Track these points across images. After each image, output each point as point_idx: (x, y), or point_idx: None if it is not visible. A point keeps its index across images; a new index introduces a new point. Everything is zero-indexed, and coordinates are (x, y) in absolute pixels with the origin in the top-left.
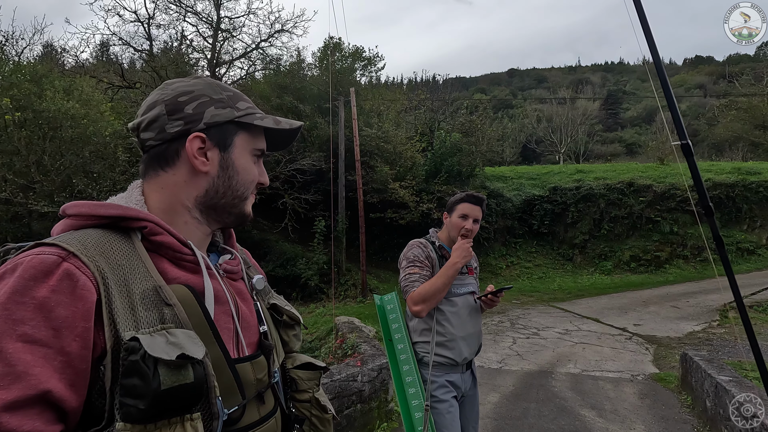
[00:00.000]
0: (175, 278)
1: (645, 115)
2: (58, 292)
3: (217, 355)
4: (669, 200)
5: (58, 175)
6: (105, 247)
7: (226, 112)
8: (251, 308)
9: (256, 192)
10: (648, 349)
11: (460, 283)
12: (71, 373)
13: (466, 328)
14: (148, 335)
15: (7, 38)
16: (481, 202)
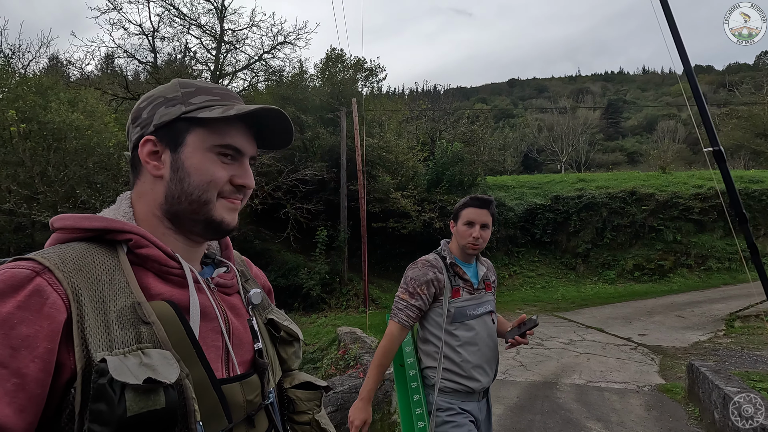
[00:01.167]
0: (159, 293)
1: (646, 124)
2: (23, 308)
3: (200, 376)
4: (672, 209)
5: (61, 185)
6: (85, 261)
7: (175, 109)
8: (245, 324)
9: (240, 195)
10: (653, 360)
11: (476, 302)
12: (23, 398)
13: (484, 354)
14: (120, 356)
15: (13, 51)
16: (487, 204)
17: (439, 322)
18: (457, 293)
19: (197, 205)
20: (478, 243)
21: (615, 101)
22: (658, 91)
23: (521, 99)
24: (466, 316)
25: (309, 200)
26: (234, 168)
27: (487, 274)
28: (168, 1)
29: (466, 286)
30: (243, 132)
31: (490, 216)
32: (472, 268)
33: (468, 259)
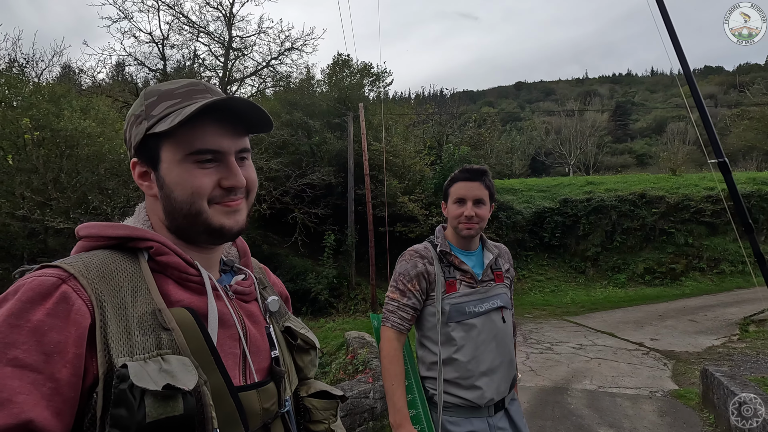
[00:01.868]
0: (178, 300)
1: (655, 126)
2: (53, 315)
3: (218, 383)
4: (683, 211)
5: (74, 192)
6: (109, 268)
7: (141, 127)
8: (262, 331)
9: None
10: (666, 365)
11: (481, 297)
12: (59, 401)
13: (489, 359)
14: (140, 362)
15: (27, 60)
16: (479, 175)
17: (433, 323)
18: (452, 287)
19: (191, 218)
20: (473, 222)
21: (623, 103)
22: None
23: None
24: (464, 314)
25: (316, 205)
26: (219, 170)
27: (497, 262)
28: (177, 9)
29: (465, 277)
30: (216, 130)
31: (484, 189)
32: (474, 255)
33: (468, 245)
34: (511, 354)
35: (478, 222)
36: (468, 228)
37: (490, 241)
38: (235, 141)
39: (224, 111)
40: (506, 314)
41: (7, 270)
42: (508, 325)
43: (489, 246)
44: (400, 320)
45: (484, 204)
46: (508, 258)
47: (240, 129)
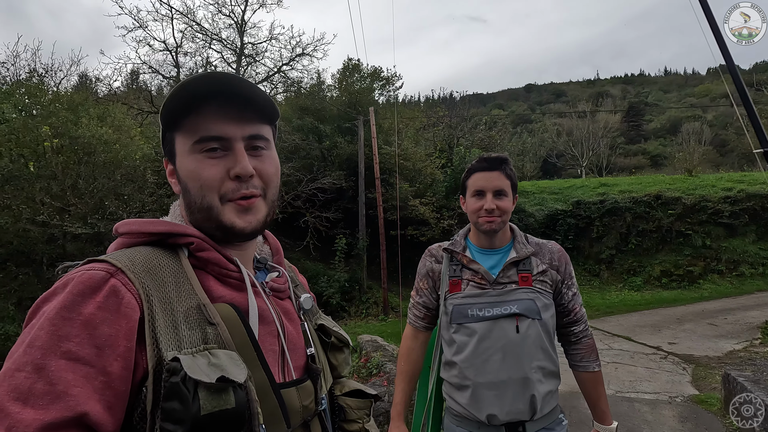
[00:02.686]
0: (220, 296)
1: (669, 127)
2: (104, 308)
3: (261, 379)
4: (700, 213)
5: (91, 197)
6: (152, 263)
7: (161, 123)
8: (298, 329)
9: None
10: (685, 369)
11: (491, 301)
12: (110, 395)
13: (492, 371)
14: (189, 356)
15: (47, 70)
16: (499, 163)
17: (444, 323)
18: (455, 287)
19: (205, 212)
20: (494, 215)
21: (636, 104)
22: (681, 93)
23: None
24: (465, 317)
25: (328, 209)
26: (227, 160)
27: (527, 262)
28: (191, 18)
29: (475, 278)
30: (220, 116)
31: (505, 178)
32: (496, 254)
33: (491, 242)
34: (526, 372)
35: (500, 215)
36: (489, 222)
37: (535, 238)
38: (243, 127)
39: (227, 96)
40: (524, 324)
41: (27, 275)
42: (526, 338)
43: (521, 243)
44: (414, 317)
45: (506, 195)
46: (552, 258)
47: (248, 114)
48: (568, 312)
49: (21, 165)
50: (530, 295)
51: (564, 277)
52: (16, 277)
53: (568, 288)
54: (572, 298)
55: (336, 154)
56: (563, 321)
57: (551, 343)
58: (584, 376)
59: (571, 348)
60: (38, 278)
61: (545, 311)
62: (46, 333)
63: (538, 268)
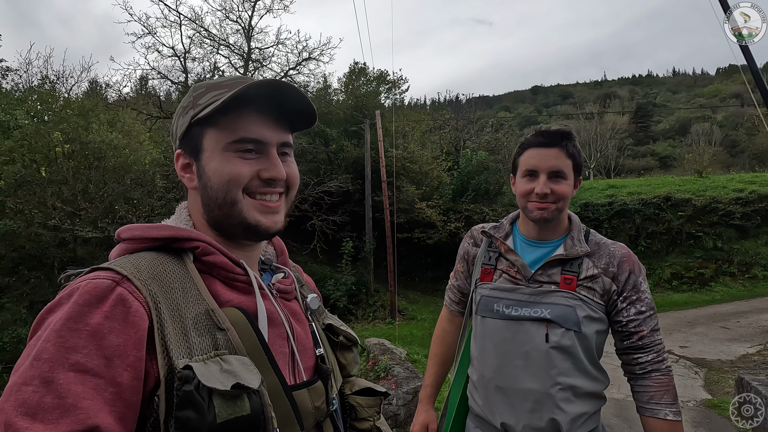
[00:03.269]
0: (227, 301)
1: (678, 127)
2: (111, 318)
3: (273, 383)
4: (711, 214)
5: (101, 202)
6: (158, 269)
7: (188, 116)
8: (306, 330)
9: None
10: (698, 373)
11: (521, 299)
12: (121, 406)
13: (510, 377)
14: (201, 363)
15: (58, 77)
16: (559, 138)
17: (473, 311)
18: (487, 275)
19: (226, 209)
20: (547, 201)
21: (644, 105)
22: (690, 93)
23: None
24: (490, 311)
25: (335, 212)
26: (260, 162)
27: (578, 263)
28: (199, 24)
29: (510, 269)
30: (260, 120)
31: (566, 157)
32: (543, 248)
33: (542, 233)
34: (548, 389)
35: (555, 201)
36: (541, 209)
37: (601, 235)
38: (278, 133)
39: (269, 102)
40: (556, 333)
41: (39, 278)
42: (556, 350)
43: (577, 238)
44: (449, 300)
45: (565, 178)
46: (610, 263)
47: (283, 123)
48: (629, 334)
49: (33, 170)
50: (571, 302)
51: (623, 289)
52: (28, 281)
53: (630, 303)
54: (636, 317)
55: (342, 158)
56: (623, 345)
57: (594, 362)
58: (652, 424)
59: (636, 383)
60: (50, 282)
61: (588, 324)
62: (53, 345)
63: (588, 272)
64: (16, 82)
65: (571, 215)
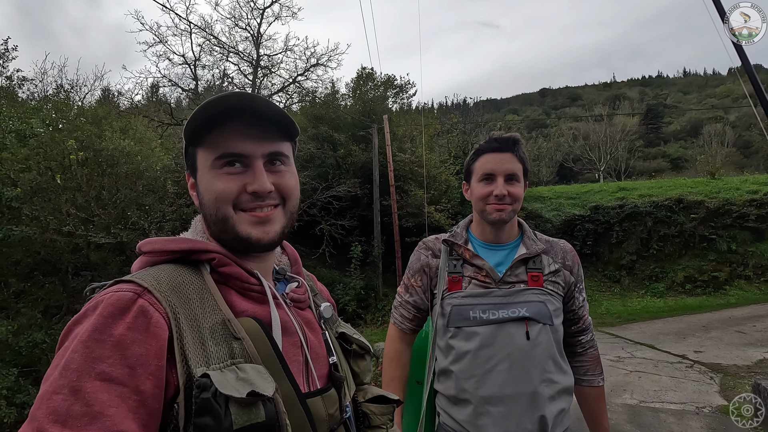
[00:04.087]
0: (243, 310)
1: (689, 128)
2: (133, 329)
3: (288, 391)
4: (724, 216)
5: (114, 208)
6: (177, 281)
7: (183, 138)
8: (320, 338)
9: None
10: (713, 379)
11: (496, 302)
12: (144, 413)
13: (497, 383)
14: (218, 371)
15: (72, 86)
16: (511, 144)
17: (439, 325)
18: (455, 284)
19: (220, 225)
20: (504, 202)
21: (655, 106)
22: (701, 94)
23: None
24: (467, 320)
25: (343, 216)
26: (246, 176)
27: (537, 259)
28: (208, 32)
29: (478, 275)
30: (242, 133)
31: (518, 161)
32: (505, 250)
33: (497, 236)
34: (536, 386)
35: (512, 203)
36: (499, 210)
37: (544, 235)
38: (264, 145)
39: (249, 113)
40: (534, 330)
41: (54, 284)
42: (537, 346)
43: (530, 238)
44: (401, 318)
45: (518, 181)
46: (565, 257)
47: (271, 132)
48: (577, 319)
49: (48, 177)
50: (541, 297)
51: (577, 280)
52: (43, 286)
53: (580, 292)
54: (582, 303)
55: (351, 162)
56: (571, 329)
57: (562, 353)
58: (588, 392)
59: (575, 359)
60: (64, 287)
61: (557, 316)
62: (80, 355)
63: (550, 267)
64: (32, 92)
65: (519, 219)
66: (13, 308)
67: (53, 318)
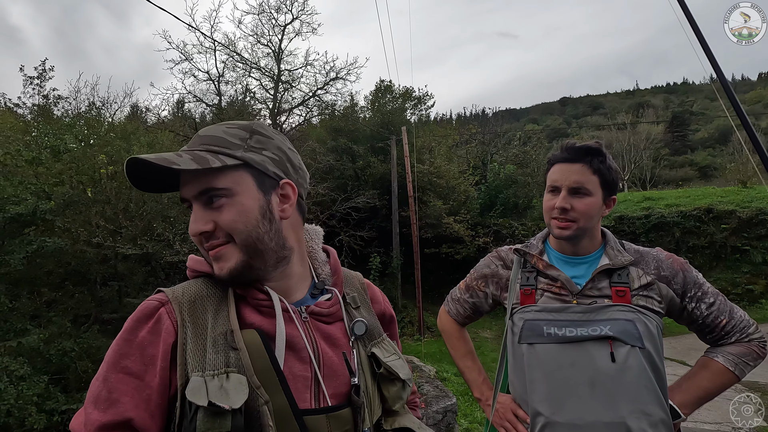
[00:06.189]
0: (251, 323)
1: (718, 136)
2: (151, 332)
3: (282, 405)
4: (758, 227)
5: (141, 220)
6: (200, 294)
7: None
8: (340, 355)
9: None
10: (750, 398)
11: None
12: (153, 406)
13: (576, 409)
14: (207, 377)
15: (103, 103)
16: (582, 154)
17: (508, 341)
18: (528, 297)
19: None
20: (567, 216)
21: (680, 113)
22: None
23: (575, 117)
24: (539, 336)
25: (362, 227)
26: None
27: (625, 273)
28: (232, 49)
29: (552, 286)
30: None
31: (590, 173)
32: (582, 263)
33: (574, 248)
34: (624, 417)
35: (576, 219)
36: (561, 227)
37: (633, 245)
38: (193, 186)
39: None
40: (621, 352)
41: (83, 293)
42: (626, 371)
43: (615, 249)
44: (456, 312)
45: (588, 194)
46: (660, 267)
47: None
48: (711, 328)
49: (80, 191)
50: (629, 315)
51: (684, 289)
52: (73, 296)
53: (698, 300)
54: (709, 310)
55: (369, 174)
56: (707, 339)
57: (661, 381)
58: (716, 367)
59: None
60: (92, 296)
61: (648, 338)
62: (114, 351)
63: (641, 280)
64: (66, 109)
65: (603, 229)
66: (45, 317)
67: (81, 327)
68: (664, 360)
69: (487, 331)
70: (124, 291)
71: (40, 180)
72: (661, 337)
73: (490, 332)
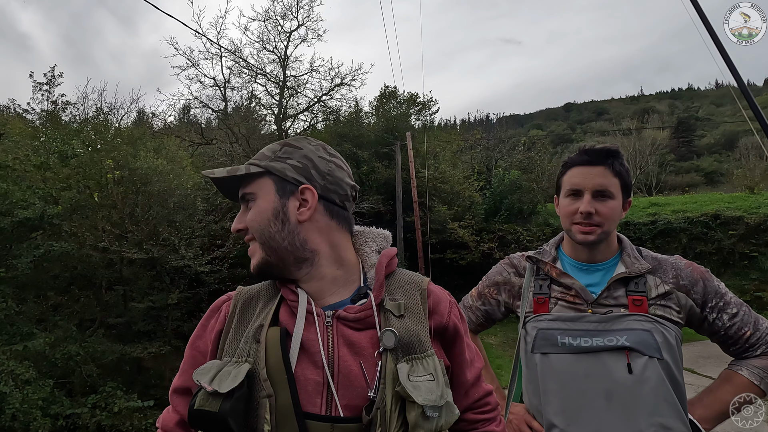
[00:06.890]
0: (282, 321)
1: (724, 142)
2: (216, 321)
3: (285, 401)
4: (766, 233)
5: (147, 225)
6: (260, 293)
7: None
8: (360, 365)
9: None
10: (761, 406)
11: (590, 327)
12: None
13: (591, 421)
14: (227, 363)
15: (110, 109)
16: (604, 156)
17: (523, 349)
18: (542, 306)
19: None
20: (591, 221)
21: (686, 119)
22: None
23: (579, 123)
24: (553, 345)
25: None
26: None
27: (642, 282)
28: (238, 55)
29: (566, 295)
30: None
31: (612, 176)
32: (597, 270)
33: (591, 255)
34: (641, 429)
35: (600, 223)
36: (585, 232)
37: (652, 252)
38: (237, 190)
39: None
40: (638, 363)
41: (88, 297)
42: (643, 382)
43: (631, 256)
44: (469, 319)
45: (611, 197)
46: (679, 276)
47: (243, 182)
48: (735, 340)
49: (87, 195)
50: (646, 326)
51: (705, 299)
52: (79, 300)
53: (720, 311)
54: (732, 321)
55: (374, 179)
56: (730, 351)
57: (680, 394)
58: (740, 380)
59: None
60: (97, 300)
61: (667, 349)
62: (194, 335)
63: (658, 289)
64: (74, 115)
65: (619, 235)
66: (51, 321)
67: (87, 331)
68: None
69: (492, 338)
70: (129, 295)
71: (47, 184)
72: (680, 349)
73: (495, 338)
